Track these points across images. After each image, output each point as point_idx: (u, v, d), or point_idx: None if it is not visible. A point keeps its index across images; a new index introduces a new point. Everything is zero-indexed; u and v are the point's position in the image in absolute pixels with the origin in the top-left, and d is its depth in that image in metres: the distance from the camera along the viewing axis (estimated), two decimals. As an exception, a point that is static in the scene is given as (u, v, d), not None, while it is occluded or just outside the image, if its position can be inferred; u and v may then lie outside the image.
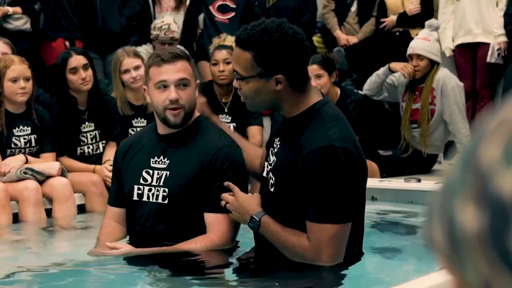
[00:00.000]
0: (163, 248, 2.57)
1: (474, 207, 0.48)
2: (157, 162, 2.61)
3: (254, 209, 2.34)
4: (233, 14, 5.92)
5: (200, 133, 2.60)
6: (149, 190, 2.61)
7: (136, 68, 4.56)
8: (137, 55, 4.69)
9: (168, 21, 5.48)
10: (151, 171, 2.61)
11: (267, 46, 2.18)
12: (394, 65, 5.10)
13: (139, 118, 4.64)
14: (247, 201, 2.37)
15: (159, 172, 2.60)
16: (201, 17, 6.16)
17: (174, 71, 2.52)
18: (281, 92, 2.23)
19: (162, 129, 2.65)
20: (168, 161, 2.59)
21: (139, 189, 2.64)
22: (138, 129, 4.58)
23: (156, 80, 2.54)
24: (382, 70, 5.16)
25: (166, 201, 2.58)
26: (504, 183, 0.47)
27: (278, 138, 2.36)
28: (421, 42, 5.06)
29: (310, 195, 2.18)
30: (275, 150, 2.35)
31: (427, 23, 5.20)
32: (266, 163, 2.42)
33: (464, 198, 0.49)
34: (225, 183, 2.44)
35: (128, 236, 2.80)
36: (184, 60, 2.55)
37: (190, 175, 2.55)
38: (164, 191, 2.57)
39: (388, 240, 3.35)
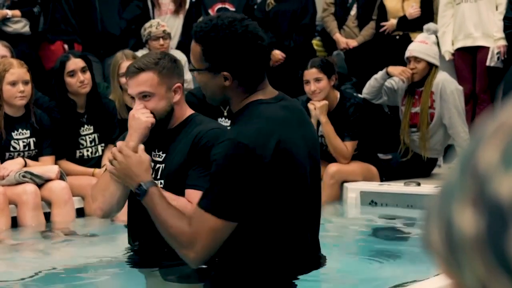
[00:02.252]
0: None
1: (472, 210, 0.48)
2: (156, 156, 2.66)
3: (145, 177, 2.34)
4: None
5: (193, 126, 2.65)
6: None
7: None
8: (135, 58, 4.69)
9: (156, 19, 5.63)
10: (152, 164, 2.63)
11: (213, 43, 2.19)
12: (392, 69, 5.10)
13: None
14: (137, 164, 2.37)
15: (157, 165, 2.65)
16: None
17: (135, 85, 2.60)
18: (229, 88, 2.23)
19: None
20: (164, 155, 2.65)
21: None
22: None
23: None
24: (380, 74, 5.16)
25: None
26: (502, 187, 0.46)
27: None
28: (419, 45, 5.07)
29: (208, 183, 2.16)
30: None
31: (425, 27, 5.21)
32: None
33: (462, 201, 0.49)
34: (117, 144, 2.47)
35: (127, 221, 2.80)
36: (148, 72, 2.58)
37: (180, 163, 2.59)
38: (161, 183, 2.60)
39: (387, 244, 3.35)
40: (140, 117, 2.56)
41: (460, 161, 0.51)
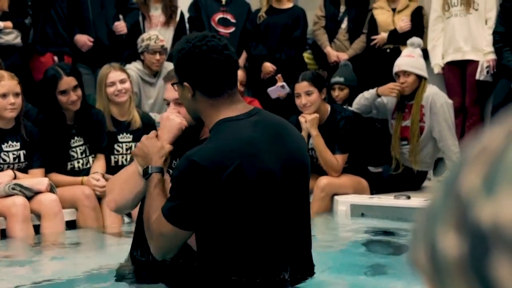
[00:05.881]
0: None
1: (454, 234, 0.49)
2: (175, 165, 2.64)
3: (156, 161, 2.48)
4: (233, 29, 5.97)
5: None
6: None
7: (122, 81, 4.57)
8: (123, 69, 4.70)
9: (155, 32, 5.59)
10: (170, 172, 2.63)
11: (177, 55, 2.34)
12: (382, 90, 5.12)
13: (124, 134, 4.64)
14: (155, 148, 2.49)
15: None
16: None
17: (173, 90, 2.58)
18: (196, 102, 2.33)
19: None
20: None
21: None
22: (124, 144, 4.60)
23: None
24: (370, 95, 5.17)
25: None
26: (483, 212, 0.47)
27: None
28: (405, 59, 5.11)
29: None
30: None
31: (408, 41, 5.25)
32: None
33: (445, 224, 0.50)
34: None
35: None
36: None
37: None
38: None
39: (377, 257, 3.35)
40: (175, 119, 2.58)
41: (444, 184, 0.51)
